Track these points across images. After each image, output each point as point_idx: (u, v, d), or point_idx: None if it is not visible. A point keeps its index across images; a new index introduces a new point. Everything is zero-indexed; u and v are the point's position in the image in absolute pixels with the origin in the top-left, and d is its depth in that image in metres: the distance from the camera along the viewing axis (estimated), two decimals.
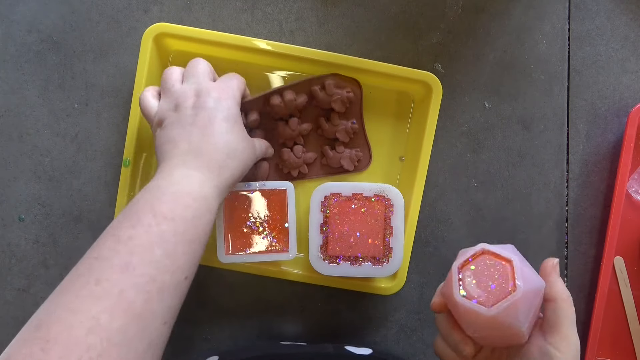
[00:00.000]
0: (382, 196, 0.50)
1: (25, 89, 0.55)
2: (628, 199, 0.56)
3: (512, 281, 0.36)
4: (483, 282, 0.37)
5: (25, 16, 0.55)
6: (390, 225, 0.50)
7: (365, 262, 0.51)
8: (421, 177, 0.52)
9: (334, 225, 0.50)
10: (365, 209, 0.50)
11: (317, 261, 0.51)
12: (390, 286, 0.53)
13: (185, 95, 0.44)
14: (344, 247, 0.51)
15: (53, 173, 0.56)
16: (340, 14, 0.56)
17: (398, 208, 0.51)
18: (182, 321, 0.56)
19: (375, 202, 0.50)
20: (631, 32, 0.57)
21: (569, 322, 0.37)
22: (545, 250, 0.57)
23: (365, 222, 0.51)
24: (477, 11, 0.56)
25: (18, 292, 0.56)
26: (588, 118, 0.57)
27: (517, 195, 0.57)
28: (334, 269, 0.51)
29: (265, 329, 0.56)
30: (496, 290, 0.36)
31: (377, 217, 0.50)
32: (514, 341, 0.37)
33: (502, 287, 0.36)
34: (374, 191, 0.51)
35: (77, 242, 0.56)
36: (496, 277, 0.37)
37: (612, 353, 0.56)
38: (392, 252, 0.51)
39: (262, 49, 0.52)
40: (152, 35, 0.51)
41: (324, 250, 0.51)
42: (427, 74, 0.52)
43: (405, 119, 0.55)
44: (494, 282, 0.37)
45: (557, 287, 0.38)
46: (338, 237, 0.50)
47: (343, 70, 0.52)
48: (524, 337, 0.37)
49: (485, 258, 0.38)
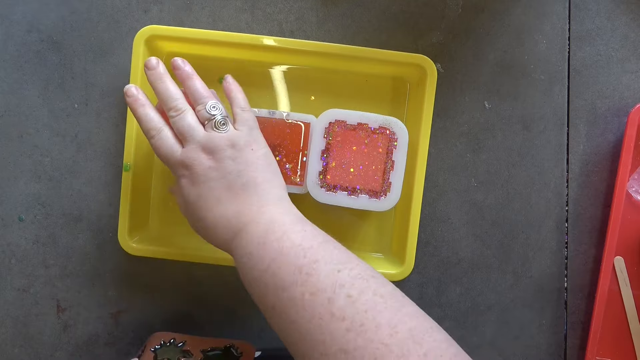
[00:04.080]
0: (387, 129, 0.50)
1: (25, 89, 0.55)
2: (628, 199, 0.56)
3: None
4: None
5: (25, 16, 0.55)
6: (392, 159, 0.50)
7: (362, 194, 0.50)
8: (421, 166, 0.52)
9: (335, 153, 0.50)
10: (368, 140, 0.50)
11: (314, 188, 0.50)
12: (399, 271, 0.53)
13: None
14: (343, 177, 0.50)
15: (53, 173, 0.56)
16: (340, 14, 0.56)
17: (402, 143, 0.50)
18: (182, 321, 0.56)
19: (380, 135, 0.50)
20: (631, 32, 0.57)
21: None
22: (545, 250, 0.57)
23: (367, 153, 0.50)
24: (477, 11, 0.56)
25: (18, 292, 0.56)
26: (588, 118, 0.57)
27: (517, 195, 0.57)
28: (330, 197, 0.50)
29: (266, 329, 0.56)
30: None
31: (379, 150, 0.50)
32: None
33: None
34: (379, 122, 0.50)
35: (77, 242, 0.56)
36: None
37: (612, 353, 0.56)
38: (390, 187, 0.50)
39: (255, 45, 0.52)
40: (143, 39, 0.51)
41: (323, 178, 0.50)
42: (420, 56, 0.52)
43: (402, 105, 0.55)
44: None
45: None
46: (338, 166, 0.50)
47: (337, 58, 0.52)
48: None
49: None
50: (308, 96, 0.55)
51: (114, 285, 0.56)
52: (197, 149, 0.42)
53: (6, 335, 0.56)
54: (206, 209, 0.41)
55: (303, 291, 0.34)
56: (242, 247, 0.39)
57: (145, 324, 0.56)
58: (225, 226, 0.40)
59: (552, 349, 0.57)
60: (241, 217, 0.40)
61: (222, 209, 0.41)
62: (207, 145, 0.42)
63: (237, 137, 0.42)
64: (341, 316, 0.32)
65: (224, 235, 0.40)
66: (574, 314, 0.57)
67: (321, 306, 0.33)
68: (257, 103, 0.55)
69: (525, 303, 0.57)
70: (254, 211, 0.40)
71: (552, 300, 0.57)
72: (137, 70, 0.51)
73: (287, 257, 0.36)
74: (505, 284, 0.57)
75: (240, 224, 0.40)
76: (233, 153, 0.42)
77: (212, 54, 0.54)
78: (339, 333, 0.31)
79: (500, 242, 0.57)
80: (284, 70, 0.55)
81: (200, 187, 0.41)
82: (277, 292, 0.35)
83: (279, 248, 0.37)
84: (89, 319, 0.56)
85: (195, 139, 0.42)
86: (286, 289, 0.35)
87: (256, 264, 0.37)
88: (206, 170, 0.41)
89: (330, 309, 0.32)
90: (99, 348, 0.56)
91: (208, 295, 0.56)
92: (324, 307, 0.33)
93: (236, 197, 0.41)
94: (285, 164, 0.51)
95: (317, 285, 0.34)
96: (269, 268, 0.36)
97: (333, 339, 0.31)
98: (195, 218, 0.42)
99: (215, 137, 0.42)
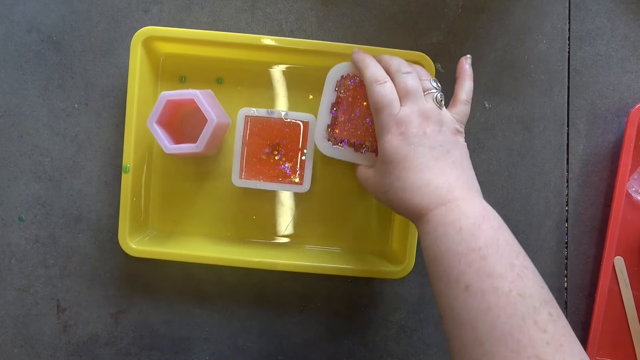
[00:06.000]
0: None
1: (25, 89, 0.55)
2: (628, 199, 0.56)
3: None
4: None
5: (25, 16, 0.55)
6: None
7: (369, 151, 0.50)
8: None
9: (345, 107, 0.49)
10: None
11: (321, 140, 0.50)
12: (399, 270, 0.52)
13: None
14: (350, 132, 0.49)
15: (53, 173, 0.56)
16: (340, 14, 0.56)
17: None
18: (182, 321, 0.56)
19: None
20: (631, 32, 0.57)
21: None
22: (545, 251, 0.57)
23: None
24: (477, 11, 0.56)
25: (18, 292, 0.56)
26: (588, 118, 0.57)
27: (517, 195, 0.57)
28: (336, 151, 0.50)
29: (265, 329, 0.56)
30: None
31: None
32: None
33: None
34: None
35: (77, 242, 0.56)
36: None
37: (612, 353, 0.56)
38: None
39: (255, 45, 0.52)
40: (140, 40, 0.51)
41: (331, 131, 0.50)
42: (418, 53, 0.52)
43: None
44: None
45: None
46: (347, 121, 0.49)
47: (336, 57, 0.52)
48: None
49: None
50: (306, 95, 0.55)
51: (114, 285, 0.56)
52: (415, 110, 0.43)
53: (6, 335, 0.56)
54: (411, 170, 0.42)
55: (511, 288, 0.35)
56: (451, 219, 0.39)
57: (145, 324, 0.56)
58: (429, 193, 0.41)
59: None
60: (452, 190, 0.41)
61: (430, 175, 0.41)
62: (425, 110, 0.43)
63: (449, 119, 0.44)
64: (543, 328, 0.34)
65: (425, 201, 0.41)
66: (574, 314, 0.57)
67: (526, 310, 0.34)
68: (256, 102, 0.55)
69: None
70: (464, 190, 0.41)
71: None
72: (135, 72, 0.51)
73: (502, 249, 0.37)
74: None
75: (450, 196, 0.40)
76: (444, 131, 0.43)
77: (211, 54, 0.54)
78: (538, 342, 0.33)
79: None
80: (282, 69, 0.55)
81: (412, 147, 0.42)
82: (481, 275, 0.36)
83: (495, 237, 0.38)
84: (89, 319, 0.56)
85: (417, 100, 0.43)
86: (493, 276, 0.35)
87: (466, 240, 0.38)
88: (420, 134, 0.42)
89: (534, 317, 0.34)
90: (99, 348, 0.56)
91: (208, 295, 0.56)
92: (529, 312, 0.34)
93: (444, 169, 0.42)
94: (284, 163, 0.51)
95: (526, 290, 0.35)
96: (481, 250, 0.37)
97: (531, 344, 0.33)
98: (393, 178, 0.43)
99: (433, 108, 0.44)
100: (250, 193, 0.55)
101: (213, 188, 0.55)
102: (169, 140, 0.49)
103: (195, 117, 0.53)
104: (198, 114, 0.49)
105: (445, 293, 0.37)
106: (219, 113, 0.50)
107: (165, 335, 0.56)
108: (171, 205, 0.56)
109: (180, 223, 0.56)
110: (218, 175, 0.55)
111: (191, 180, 0.56)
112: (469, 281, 0.36)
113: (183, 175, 0.56)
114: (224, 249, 0.53)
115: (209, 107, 0.48)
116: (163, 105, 0.48)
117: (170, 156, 0.55)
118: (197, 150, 0.48)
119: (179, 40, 0.52)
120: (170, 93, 0.49)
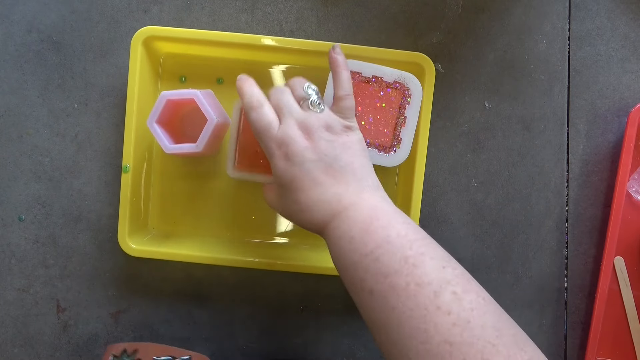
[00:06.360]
0: (402, 84, 0.50)
1: (25, 89, 0.55)
2: (628, 199, 0.56)
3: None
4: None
5: (25, 16, 0.55)
6: (404, 115, 0.49)
7: (372, 148, 0.50)
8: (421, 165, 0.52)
9: None
10: (382, 93, 0.50)
11: None
12: None
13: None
14: None
15: (53, 173, 0.56)
16: (340, 14, 0.56)
17: (415, 99, 0.50)
18: (182, 321, 0.56)
19: (393, 90, 0.50)
20: (631, 32, 0.57)
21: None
22: (545, 250, 0.57)
23: (380, 107, 0.50)
24: (477, 11, 0.56)
25: (18, 292, 0.56)
26: (588, 118, 0.57)
27: (517, 195, 0.57)
28: None
29: (265, 329, 0.56)
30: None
31: (392, 105, 0.50)
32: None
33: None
34: (394, 77, 0.50)
35: (77, 242, 0.56)
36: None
37: (612, 353, 0.56)
38: (400, 143, 0.50)
39: (255, 45, 0.52)
40: (140, 40, 0.51)
41: None
42: (418, 54, 0.52)
43: None
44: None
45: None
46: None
47: None
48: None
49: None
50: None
51: (114, 285, 0.56)
52: (293, 125, 0.41)
53: (6, 335, 0.56)
54: (302, 191, 0.41)
55: (408, 281, 0.34)
56: (343, 230, 0.39)
57: (145, 324, 0.56)
58: (322, 208, 0.40)
59: (552, 349, 0.57)
60: (341, 200, 0.40)
61: (320, 191, 0.40)
62: (303, 122, 0.42)
63: (333, 120, 0.43)
64: (447, 310, 0.33)
65: (321, 217, 0.40)
66: (574, 314, 0.57)
67: (427, 298, 0.33)
68: None
69: (525, 303, 0.57)
70: (353, 195, 0.40)
71: (552, 300, 0.57)
72: (135, 72, 0.51)
73: (393, 246, 0.36)
74: (505, 284, 0.57)
75: (340, 207, 0.40)
76: (329, 135, 0.42)
77: (211, 54, 0.54)
78: (444, 326, 0.32)
79: (500, 242, 0.57)
80: (282, 69, 0.55)
81: (296, 168, 0.41)
82: (378, 277, 0.35)
83: (385, 236, 0.37)
84: (89, 319, 0.56)
85: (292, 115, 0.42)
86: (389, 275, 0.35)
87: (358, 248, 0.37)
88: (303, 150, 0.41)
89: (436, 302, 0.33)
90: (99, 348, 0.56)
91: (208, 295, 0.56)
92: (430, 299, 0.33)
93: (333, 180, 0.41)
94: None
95: (423, 278, 0.34)
96: (372, 253, 0.36)
97: (437, 331, 0.32)
98: (290, 201, 0.42)
99: (311, 116, 0.42)
100: (250, 193, 0.55)
101: (213, 188, 0.55)
102: (169, 140, 0.49)
103: (195, 117, 0.53)
104: (198, 114, 0.49)
105: (358, 301, 0.37)
106: (219, 113, 0.50)
107: (165, 335, 0.56)
108: (171, 205, 0.56)
109: (180, 223, 0.56)
110: (218, 175, 0.55)
111: (191, 180, 0.56)
112: (371, 286, 0.36)
113: (183, 175, 0.56)
114: (224, 249, 0.53)
115: (209, 107, 0.48)
116: (163, 104, 0.48)
117: (170, 156, 0.55)
118: (197, 150, 0.48)
119: (179, 40, 0.52)
120: (170, 93, 0.49)
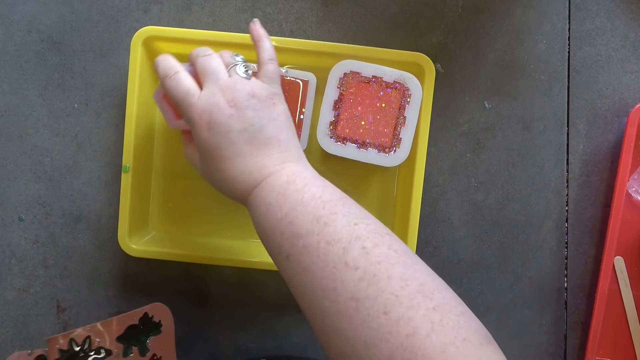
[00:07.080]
0: (402, 84, 0.50)
1: (25, 89, 0.55)
2: (628, 199, 0.56)
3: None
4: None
5: (25, 16, 0.55)
6: (404, 115, 0.50)
7: (371, 148, 0.50)
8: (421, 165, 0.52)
9: (347, 104, 0.50)
10: (382, 93, 0.50)
11: (323, 137, 0.50)
12: None
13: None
14: (353, 129, 0.50)
15: (53, 173, 0.56)
16: (340, 14, 0.56)
17: (415, 99, 0.50)
18: (182, 321, 0.56)
19: (393, 90, 0.50)
20: (631, 32, 0.57)
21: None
22: (545, 250, 0.57)
23: (379, 107, 0.50)
24: (477, 11, 0.56)
25: (18, 292, 0.56)
26: (588, 118, 0.57)
27: (517, 195, 0.57)
28: (339, 149, 0.50)
29: (266, 329, 0.56)
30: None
31: (392, 105, 0.50)
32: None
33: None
34: (394, 77, 0.50)
35: (77, 242, 0.56)
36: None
37: (612, 353, 0.56)
38: (400, 143, 0.50)
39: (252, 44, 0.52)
40: (140, 40, 0.51)
41: (333, 128, 0.50)
42: (418, 54, 0.52)
43: None
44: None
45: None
46: (349, 118, 0.50)
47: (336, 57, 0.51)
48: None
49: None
50: None
51: (114, 285, 0.56)
52: (217, 92, 0.40)
53: (6, 335, 0.56)
54: (225, 160, 0.40)
55: (319, 240, 0.34)
56: (262, 198, 0.39)
57: None
58: (245, 179, 0.40)
59: (552, 349, 0.57)
60: (263, 170, 0.40)
61: (243, 162, 0.40)
62: (228, 89, 0.40)
63: (259, 87, 0.41)
64: (354, 266, 0.32)
65: (243, 187, 0.40)
66: (574, 314, 0.57)
67: (336, 255, 0.33)
68: None
69: (525, 303, 0.57)
70: (277, 164, 0.40)
71: (552, 300, 0.57)
72: (135, 72, 0.51)
73: (306, 207, 0.36)
74: (505, 284, 0.57)
75: (261, 177, 0.39)
76: (255, 104, 0.40)
77: None
78: (351, 282, 0.32)
79: (500, 242, 0.57)
80: (283, 70, 0.55)
81: (220, 137, 0.40)
82: (293, 239, 0.35)
83: (299, 198, 0.37)
84: (89, 319, 0.56)
85: (218, 82, 0.41)
86: (302, 236, 0.35)
87: (274, 213, 0.37)
88: (227, 119, 0.39)
89: (345, 258, 0.33)
90: None
91: (208, 295, 0.56)
92: (339, 256, 0.33)
93: (257, 151, 0.40)
94: None
95: (333, 235, 0.34)
96: (287, 217, 0.36)
97: (345, 287, 0.32)
98: (212, 169, 0.41)
99: (238, 83, 0.41)
100: None
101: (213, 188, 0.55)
102: (173, 116, 0.48)
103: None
104: None
105: (279, 267, 0.37)
106: None
107: None
108: (171, 205, 0.56)
109: (180, 223, 0.56)
110: None
111: (191, 180, 0.56)
112: (288, 250, 0.36)
113: (183, 175, 0.56)
114: (224, 249, 0.53)
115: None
116: None
117: (170, 156, 0.55)
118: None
119: (179, 40, 0.52)
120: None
